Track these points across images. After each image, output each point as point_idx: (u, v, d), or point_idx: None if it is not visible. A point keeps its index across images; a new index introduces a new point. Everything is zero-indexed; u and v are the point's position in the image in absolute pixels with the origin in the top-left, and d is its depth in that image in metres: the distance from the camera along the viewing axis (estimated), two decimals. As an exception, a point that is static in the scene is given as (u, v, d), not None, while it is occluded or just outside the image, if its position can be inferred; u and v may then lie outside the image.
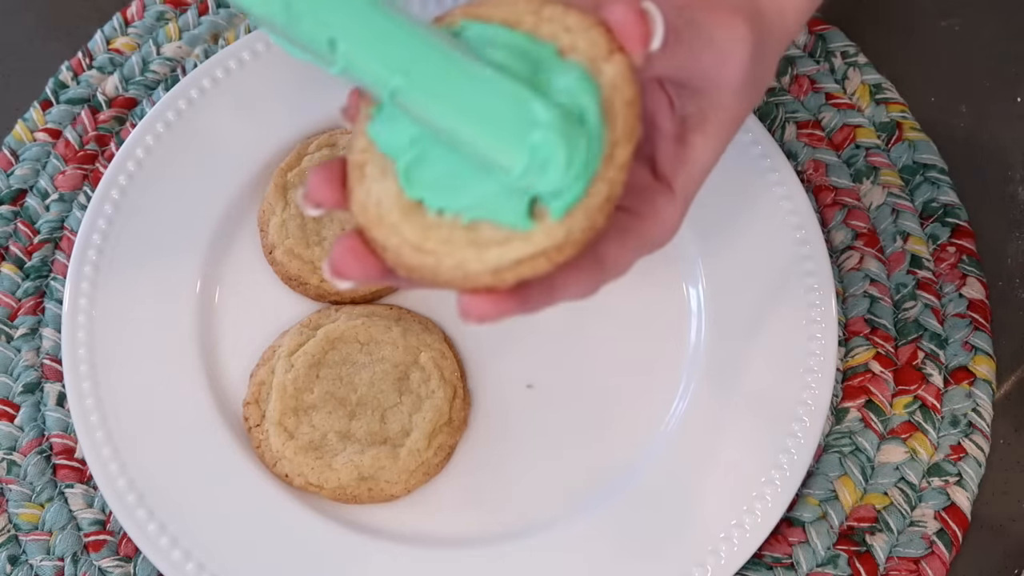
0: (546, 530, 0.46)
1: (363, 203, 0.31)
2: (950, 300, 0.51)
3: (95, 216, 0.51)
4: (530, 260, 0.29)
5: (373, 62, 0.29)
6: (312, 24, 0.29)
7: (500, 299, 0.30)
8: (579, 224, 0.29)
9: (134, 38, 0.58)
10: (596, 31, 0.30)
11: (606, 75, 0.30)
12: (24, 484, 0.49)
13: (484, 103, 0.29)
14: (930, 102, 0.55)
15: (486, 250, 0.29)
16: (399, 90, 0.29)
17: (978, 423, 0.49)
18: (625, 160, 0.29)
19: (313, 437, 0.47)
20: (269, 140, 0.53)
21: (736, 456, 0.47)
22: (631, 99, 0.30)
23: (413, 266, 0.30)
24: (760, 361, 0.48)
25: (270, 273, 0.52)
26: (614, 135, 0.29)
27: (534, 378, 0.50)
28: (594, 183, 0.29)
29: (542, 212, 0.29)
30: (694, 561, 0.45)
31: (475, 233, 0.30)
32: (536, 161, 0.29)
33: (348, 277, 0.31)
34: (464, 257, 0.30)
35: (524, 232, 0.29)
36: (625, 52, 0.30)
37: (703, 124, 0.34)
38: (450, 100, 0.29)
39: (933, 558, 0.47)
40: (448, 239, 0.30)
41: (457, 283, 0.30)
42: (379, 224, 0.31)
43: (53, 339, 0.52)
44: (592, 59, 0.30)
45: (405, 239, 0.30)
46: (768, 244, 0.50)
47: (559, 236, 0.29)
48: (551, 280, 0.31)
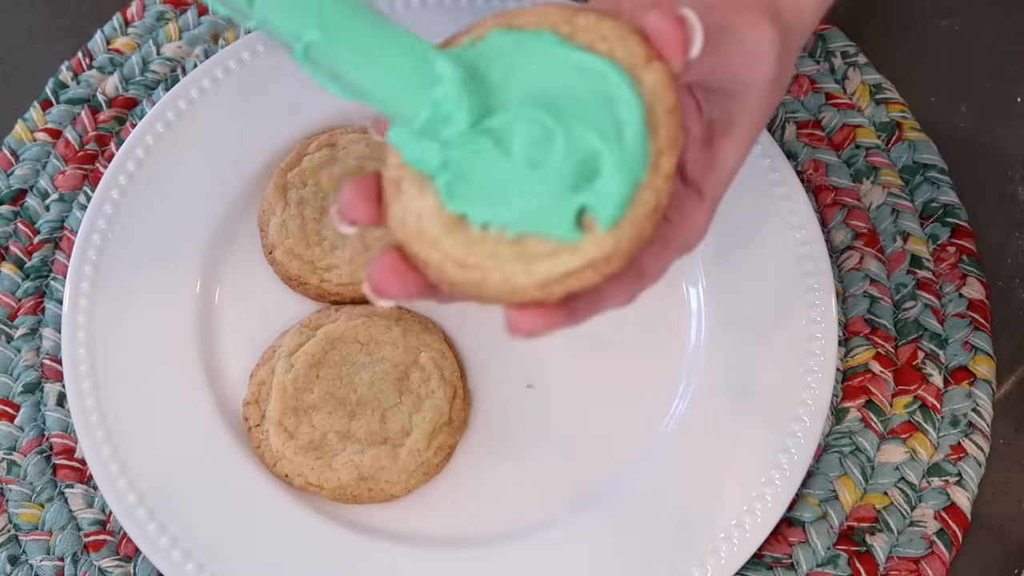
0: (546, 530, 0.46)
1: (401, 219, 0.30)
2: (950, 300, 0.51)
3: (95, 216, 0.51)
4: (578, 272, 0.29)
5: (288, 17, 0.29)
6: None
7: (549, 313, 0.30)
8: (627, 235, 0.29)
9: (134, 38, 0.58)
10: (632, 39, 0.30)
11: (646, 84, 0.29)
12: (24, 484, 0.49)
13: (392, 59, 0.29)
14: (930, 102, 0.55)
15: (533, 264, 0.29)
16: (312, 44, 0.29)
17: (978, 423, 0.49)
18: (671, 169, 0.29)
19: (313, 437, 0.47)
20: (269, 140, 0.53)
21: (736, 456, 0.47)
22: (672, 107, 0.29)
23: (457, 282, 0.30)
24: (760, 361, 0.48)
25: (270, 273, 0.52)
26: (658, 144, 0.29)
27: (534, 378, 0.50)
28: (640, 192, 0.29)
29: (590, 223, 0.29)
30: (694, 561, 0.45)
31: (521, 247, 0.29)
32: (439, 114, 0.29)
33: (390, 295, 0.31)
34: (511, 272, 0.29)
35: (572, 244, 0.29)
36: (664, 60, 0.30)
37: (731, 128, 0.34)
38: (360, 56, 0.29)
39: (933, 558, 0.47)
40: (493, 253, 0.29)
41: (504, 298, 0.30)
42: (420, 240, 0.30)
43: (53, 339, 0.52)
44: (631, 68, 0.30)
45: (448, 255, 0.30)
46: (768, 244, 0.50)
47: (607, 247, 0.29)
48: (598, 291, 0.31)
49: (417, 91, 0.29)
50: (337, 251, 0.50)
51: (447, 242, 0.30)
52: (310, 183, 0.52)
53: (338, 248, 0.51)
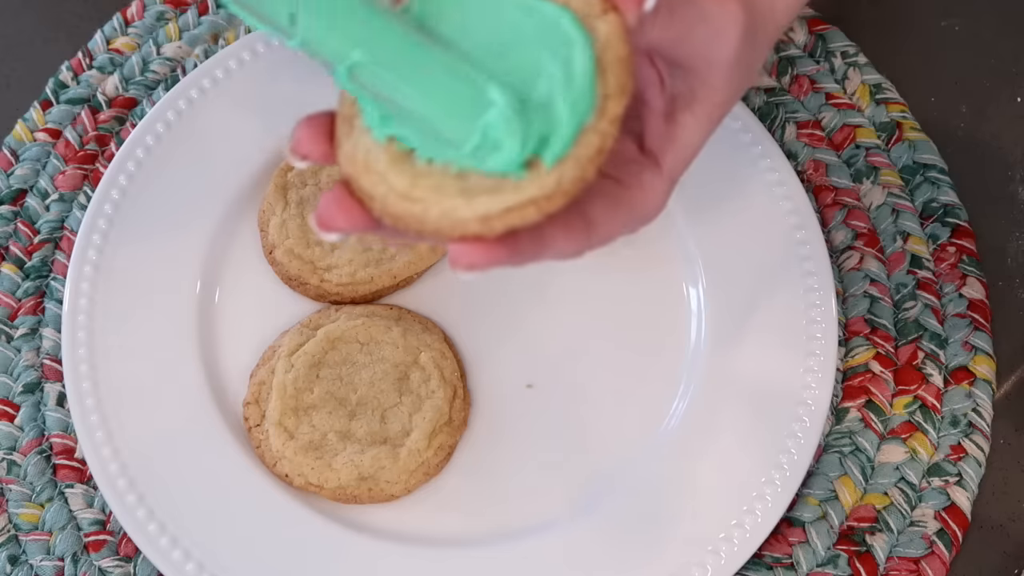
0: (546, 530, 0.46)
1: (351, 154, 0.31)
2: (950, 300, 0.51)
3: (95, 216, 0.51)
4: (519, 208, 0.29)
5: (332, 37, 0.29)
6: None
7: (490, 247, 0.30)
8: (569, 174, 0.29)
9: (134, 38, 0.58)
10: None
11: (599, 32, 0.30)
12: (24, 484, 0.49)
13: (440, 81, 0.30)
14: (930, 102, 0.55)
15: (475, 198, 0.29)
16: (357, 65, 0.29)
17: (978, 423, 0.49)
18: (617, 114, 0.30)
19: (313, 437, 0.47)
20: (269, 140, 0.53)
21: (736, 456, 0.47)
22: (623, 56, 0.30)
23: (400, 214, 0.30)
24: (760, 361, 0.48)
25: (270, 273, 0.52)
26: (605, 88, 0.30)
27: (534, 378, 0.50)
28: (585, 134, 0.29)
29: (534, 162, 0.29)
30: (694, 561, 0.45)
31: (465, 181, 0.30)
32: (488, 141, 0.29)
33: (334, 228, 0.31)
34: (452, 204, 0.29)
35: (515, 180, 0.29)
36: (618, 12, 0.30)
37: (692, 104, 0.34)
38: (406, 77, 0.29)
39: (933, 558, 0.47)
40: (437, 187, 0.30)
41: (444, 231, 0.30)
42: (366, 173, 0.31)
43: (53, 339, 0.52)
44: (585, 16, 0.30)
45: (392, 187, 0.30)
46: (768, 244, 0.50)
47: (549, 185, 0.29)
48: (540, 232, 0.31)
49: (465, 116, 0.29)
50: (337, 251, 0.51)
51: (392, 175, 0.30)
52: (310, 183, 0.52)
53: (338, 248, 0.51)
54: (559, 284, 0.51)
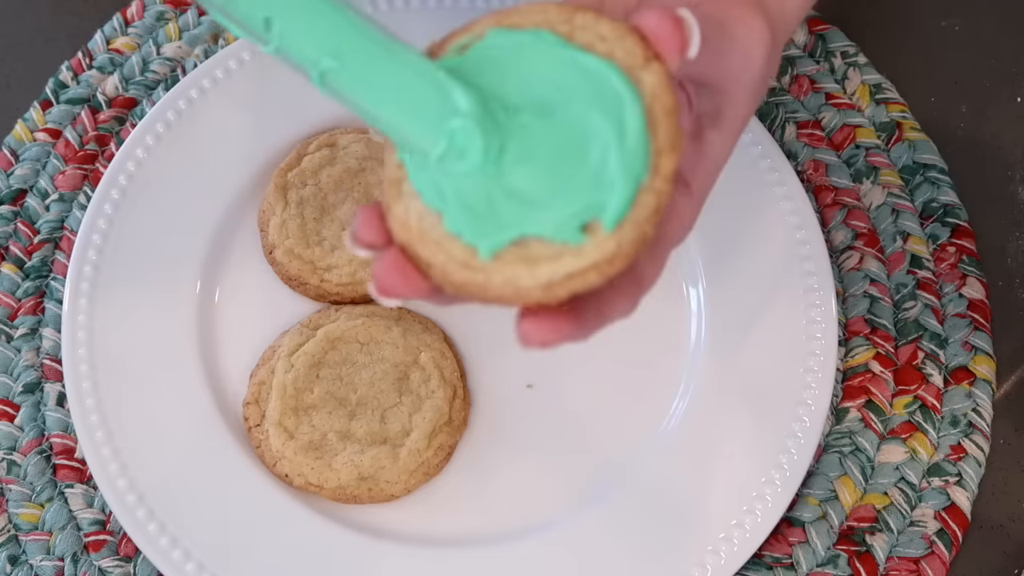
0: (546, 530, 0.46)
1: (403, 220, 0.30)
2: (950, 300, 0.51)
3: (95, 216, 0.51)
4: (581, 274, 0.29)
5: (306, 44, 0.29)
6: (249, 3, 0.29)
7: (558, 323, 0.30)
8: (629, 236, 0.29)
9: (134, 38, 0.58)
10: (631, 39, 0.30)
11: (645, 84, 0.29)
12: (24, 484, 0.49)
13: (408, 89, 0.29)
14: (930, 102, 0.55)
15: (537, 266, 0.29)
16: (328, 72, 0.29)
17: (978, 423, 0.49)
18: (671, 170, 0.29)
19: (313, 437, 0.47)
20: (269, 140, 0.53)
21: (736, 456, 0.47)
22: (671, 108, 0.29)
23: (461, 283, 0.30)
24: (760, 361, 0.48)
25: (270, 273, 0.52)
26: (658, 145, 0.29)
27: (534, 378, 0.50)
28: (642, 194, 0.29)
29: (593, 226, 0.29)
30: (694, 561, 0.45)
31: (525, 249, 0.29)
32: (454, 147, 0.29)
33: (395, 295, 0.31)
34: (515, 273, 0.29)
35: (576, 246, 0.29)
36: (661, 60, 0.30)
37: (719, 121, 0.34)
38: (376, 84, 0.29)
39: (933, 558, 0.47)
40: (498, 255, 0.29)
41: (507, 299, 0.30)
42: (423, 241, 0.30)
43: (53, 339, 0.52)
44: (630, 68, 0.30)
45: (452, 256, 0.30)
46: (768, 244, 0.50)
47: (610, 249, 0.29)
48: (599, 298, 0.31)
49: (432, 122, 0.29)
50: (337, 251, 0.51)
51: (450, 243, 0.30)
52: (310, 183, 0.52)
53: (338, 248, 0.51)
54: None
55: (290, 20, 0.29)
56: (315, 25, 0.29)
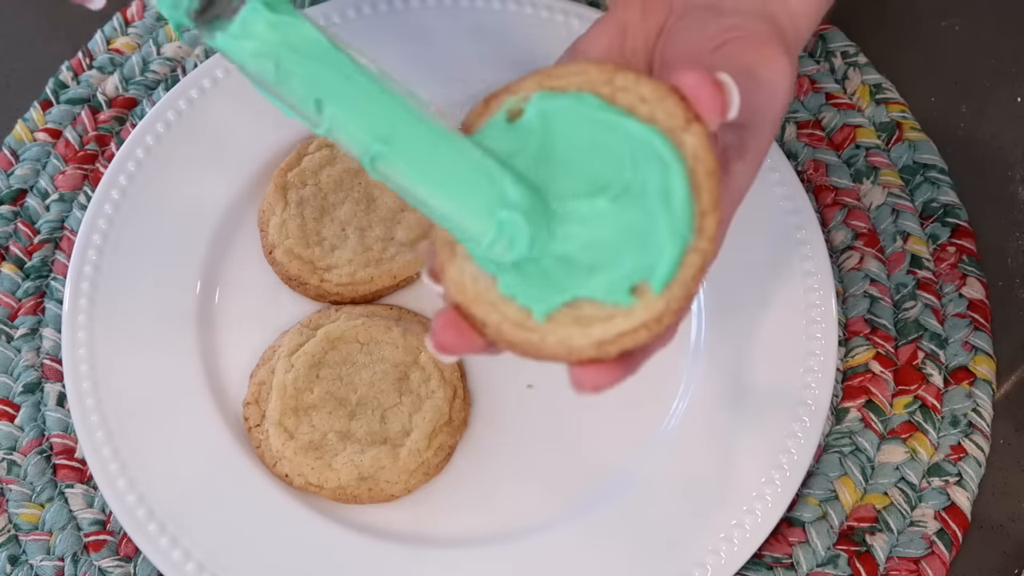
0: (546, 530, 0.46)
1: (458, 281, 0.32)
2: (950, 300, 0.51)
3: (95, 216, 0.51)
4: (632, 333, 0.30)
5: (356, 127, 0.30)
6: (301, 84, 0.30)
7: (610, 369, 0.31)
8: (676, 295, 0.30)
9: (134, 38, 0.58)
10: (671, 100, 0.31)
11: (687, 147, 0.30)
12: (24, 484, 0.49)
13: (458, 177, 0.30)
14: (930, 102, 0.55)
15: (590, 327, 0.30)
16: (379, 156, 0.30)
17: (978, 423, 0.49)
18: (714, 230, 0.30)
19: (313, 437, 0.47)
20: (269, 140, 0.53)
21: (736, 456, 0.47)
22: (712, 169, 0.30)
23: (516, 342, 0.31)
24: (760, 361, 0.48)
25: (270, 273, 0.52)
26: (701, 206, 0.30)
27: (534, 378, 0.50)
28: (688, 255, 0.30)
29: (642, 288, 0.30)
30: (694, 561, 0.45)
31: (577, 311, 0.31)
32: (503, 236, 0.30)
33: (453, 352, 0.32)
34: (568, 334, 0.31)
35: (626, 308, 0.30)
36: (701, 121, 0.30)
37: (743, 152, 0.35)
38: (426, 171, 0.30)
39: (933, 558, 0.47)
40: (552, 317, 0.31)
41: (561, 357, 0.31)
42: (477, 302, 0.31)
43: (53, 339, 0.52)
44: (671, 130, 0.30)
45: (506, 316, 0.31)
46: (768, 244, 0.50)
47: (659, 309, 0.30)
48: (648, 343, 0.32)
49: (482, 211, 0.30)
50: (337, 251, 0.51)
51: (505, 305, 0.31)
52: (310, 183, 0.52)
53: (338, 248, 0.51)
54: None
55: (341, 103, 0.30)
56: (367, 109, 0.30)
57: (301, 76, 0.30)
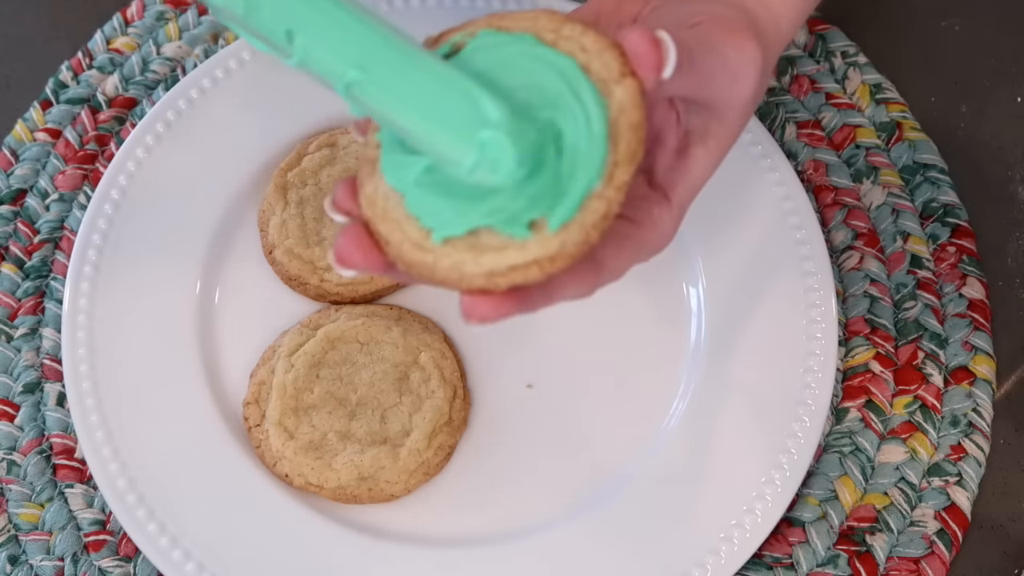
0: (546, 530, 0.46)
1: (371, 197, 0.32)
2: (950, 300, 0.51)
3: (95, 216, 0.51)
4: (523, 268, 0.30)
5: (329, 56, 0.29)
6: (271, 15, 0.29)
7: (499, 301, 0.31)
8: (573, 238, 0.30)
9: (134, 38, 0.58)
10: (610, 54, 0.31)
11: (615, 97, 0.30)
12: (24, 484, 0.49)
13: (436, 100, 0.30)
14: (930, 102, 0.55)
15: (482, 254, 0.30)
16: (354, 84, 0.29)
17: (978, 423, 0.49)
18: (624, 181, 0.30)
19: (313, 437, 0.47)
20: (269, 140, 0.53)
21: (736, 456, 0.47)
22: (636, 123, 0.30)
23: (412, 262, 0.31)
24: (760, 361, 0.48)
25: (270, 273, 0.52)
26: (616, 156, 0.30)
27: (534, 378, 0.50)
28: (591, 200, 0.30)
29: (540, 224, 0.30)
30: (694, 561, 0.45)
31: (475, 237, 0.31)
32: (486, 158, 0.29)
33: (351, 266, 0.32)
34: (461, 259, 0.31)
35: (520, 241, 0.30)
36: (637, 77, 0.31)
37: (705, 138, 0.35)
38: (404, 96, 0.30)
39: (933, 558, 0.47)
40: (448, 241, 0.31)
41: (452, 283, 0.31)
42: (384, 219, 0.32)
43: (53, 339, 0.52)
44: (603, 80, 0.31)
45: (407, 235, 0.31)
46: (768, 244, 0.50)
47: (553, 248, 0.30)
48: (548, 282, 0.32)
49: (462, 132, 0.30)
50: (337, 251, 0.51)
51: (408, 223, 0.31)
52: (310, 183, 0.52)
53: (338, 248, 0.51)
54: (559, 284, 0.51)
55: (313, 32, 0.29)
56: (339, 37, 0.29)
57: (270, 7, 0.29)
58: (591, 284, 0.33)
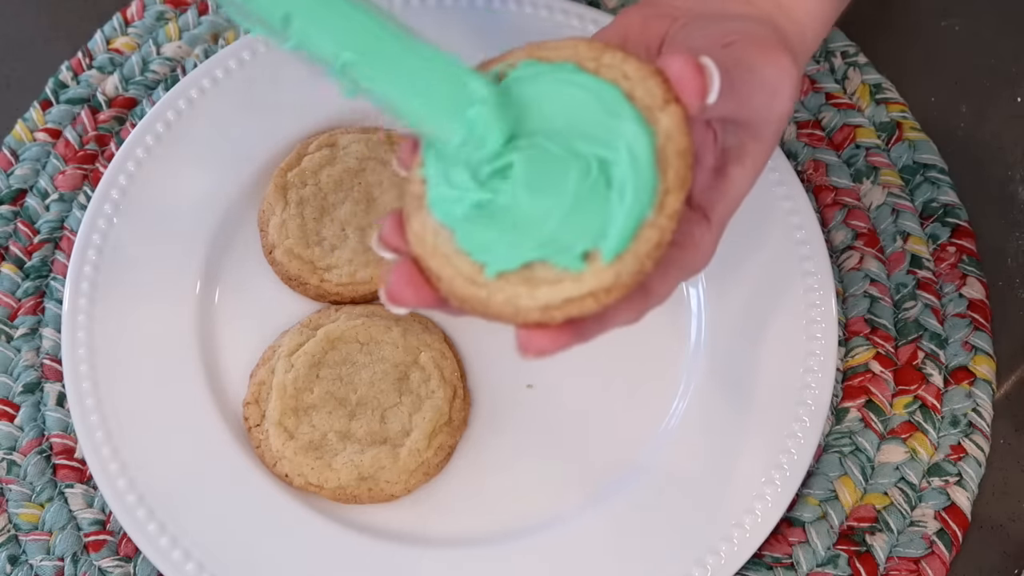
0: (546, 530, 0.46)
1: (419, 233, 0.32)
2: (950, 300, 0.51)
3: (95, 216, 0.51)
4: (579, 300, 0.30)
5: (325, 39, 0.30)
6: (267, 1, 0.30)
7: (556, 334, 0.31)
8: (628, 268, 0.30)
9: (134, 38, 0.58)
10: (653, 80, 0.31)
11: (661, 124, 0.30)
12: (24, 484, 0.49)
13: (427, 80, 0.31)
14: (930, 102, 0.55)
15: (537, 288, 0.30)
16: (348, 64, 0.30)
17: (978, 423, 0.49)
18: (675, 209, 0.30)
19: (313, 437, 0.47)
20: (269, 140, 0.53)
21: (736, 456, 0.47)
22: (684, 150, 0.30)
23: (465, 298, 0.31)
24: (760, 361, 0.48)
25: (270, 273, 0.52)
26: (666, 184, 0.30)
27: (534, 378, 0.50)
28: (644, 229, 0.30)
29: (594, 255, 0.30)
30: (694, 561, 0.45)
31: (529, 271, 0.31)
32: (473, 135, 0.30)
33: (404, 304, 0.32)
34: (515, 293, 0.31)
35: (575, 273, 0.30)
36: (681, 103, 0.31)
37: (742, 156, 0.35)
38: (396, 77, 0.30)
39: (933, 558, 0.47)
40: (502, 275, 0.31)
41: (507, 317, 0.31)
42: (434, 255, 0.32)
43: (53, 339, 0.52)
44: (648, 108, 0.31)
45: (459, 271, 0.31)
46: (768, 244, 0.50)
47: (608, 279, 0.30)
48: (602, 313, 0.32)
49: (451, 112, 0.30)
50: (337, 251, 0.51)
51: (459, 259, 0.31)
52: (310, 183, 0.52)
53: (338, 248, 0.51)
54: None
55: (309, 17, 0.30)
56: (334, 21, 0.30)
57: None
58: (640, 310, 0.33)
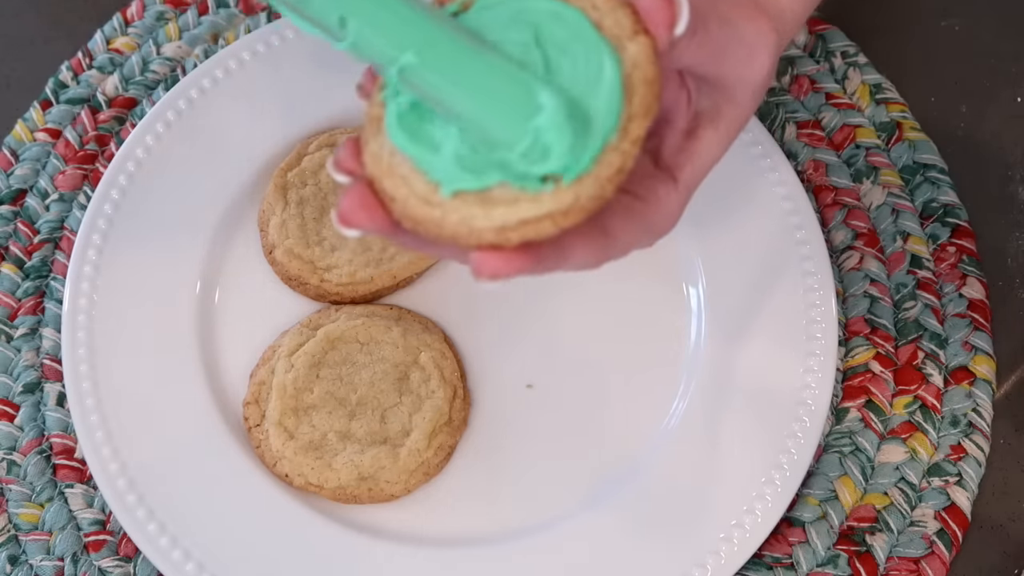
0: (546, 530, 0.46)
1: (376, 154, 0.31)
2: (950, 300, 0.51)
3: (95, 216, 0.51)
4: (536, 222, 0.30)
5: (382, 40, 0.30)
6: (323, 2, 0.29)
7: (512, 257, 0.30)
8: (588, 192, 0.30)
9: (134, 38, 0.58)
10: (623, 11, 0.31)
11: (628, 52, 0.30)
12: (24, 484, 0.49)
13: (490, 84, 0.30)
14: (930, 102, 0.55)
15: (493, 208, 0.30)
16: (407, 68, 0.30)
17: (978, 423, 0.49)
18: (639, 135, 0.30)
19: (313, 437, 0.47)
20: (269, 140, 0.53)
21: (736, 456, 0.47)
22: (650, 78, 0.30)
23: (419, 218, 0.31)
24: (760, 361, 0.48)
25: (270, 273, 0.52)
26: (630, 110, 0.30)
27: (534, 378, 0.50)
28: (606, 154, 0.30)
29: (553, 176, 0.30)
30: (694, 561, 0.45)
31: (486, 191, 0.30)
32: (538, 145, 0.29)
33: (355, 226, 0.31)
34: (471, 213, 0.30)
35: (533, 194, 0.30)
36: (649, 35, 0.31)
37: (716, 120, 0.35)
38: (457, 80, 0.30)
39: (933, 558, 0.47)
40: (457, 194, 0.30)
41: (461, 238, 0.30)
42: (390, 174, 0.31)
43: (53, 339, 0.52)
44: (616, 37, 0.31)
45: (413, 190, 0.31)
46: (768, 244, 0.50)
47: (567, 201, 0.30)
48: (560, 242, 0.31)
49: (516, 120, 0.30)
50: (337, 251, 0.51)
51: (415, 178, 0.31)
52: (310, 183, 0.52)
53: (338, 248, 0.51)
54: (559, 284, 0.51)
55: (366, 18, 0.29)
56: (393, 23, 0.30)
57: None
58: (599, 253, 0.33)
